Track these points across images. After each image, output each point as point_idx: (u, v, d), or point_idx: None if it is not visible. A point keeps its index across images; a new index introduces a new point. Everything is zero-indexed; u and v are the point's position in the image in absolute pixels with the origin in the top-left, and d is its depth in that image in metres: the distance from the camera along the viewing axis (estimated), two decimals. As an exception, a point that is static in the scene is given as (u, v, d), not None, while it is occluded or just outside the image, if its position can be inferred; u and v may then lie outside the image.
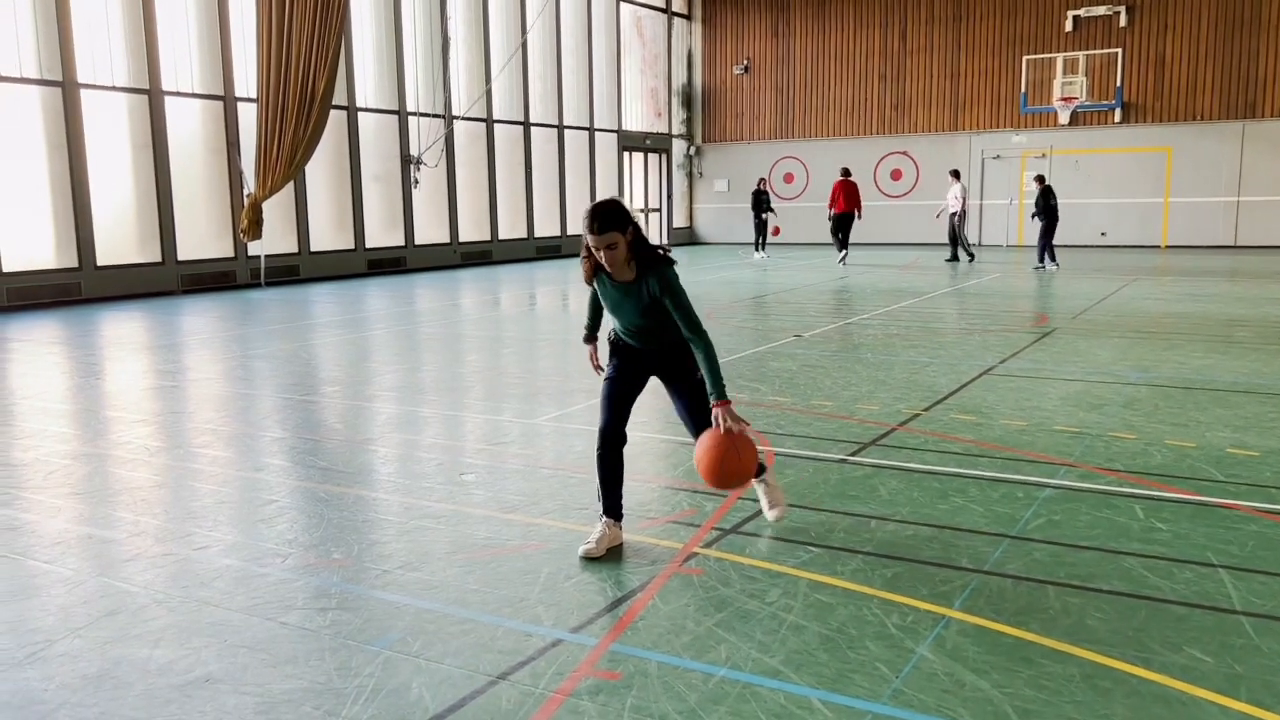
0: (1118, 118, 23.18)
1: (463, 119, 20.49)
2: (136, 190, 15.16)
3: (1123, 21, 22.79)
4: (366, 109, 18.61)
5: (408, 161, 19.37)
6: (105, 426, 6.69)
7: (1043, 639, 3.28)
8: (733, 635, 3.35)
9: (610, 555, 4.07)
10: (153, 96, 15.11)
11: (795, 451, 5.68)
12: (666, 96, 27.61)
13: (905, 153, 25.54)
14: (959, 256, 19.92)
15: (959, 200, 19.71)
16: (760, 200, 21.65)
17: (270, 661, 3.21)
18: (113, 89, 14.69)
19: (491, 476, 5.32)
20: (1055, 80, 23.28)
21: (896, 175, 25.76)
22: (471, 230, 21.25)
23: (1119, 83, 22.91)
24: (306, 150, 16.18)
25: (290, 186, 16.71)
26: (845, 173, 20.21)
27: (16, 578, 3.97)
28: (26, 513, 4.79)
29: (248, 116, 16.22)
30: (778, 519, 4.38)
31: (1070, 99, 23.04)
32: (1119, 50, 22.86)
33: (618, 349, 4.26)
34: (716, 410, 3.93)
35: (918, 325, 10.97)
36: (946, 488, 4.96)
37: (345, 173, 18.30)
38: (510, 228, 22.25)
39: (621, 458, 4.21)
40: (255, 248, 16.45)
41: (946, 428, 6.20)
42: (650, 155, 27.14)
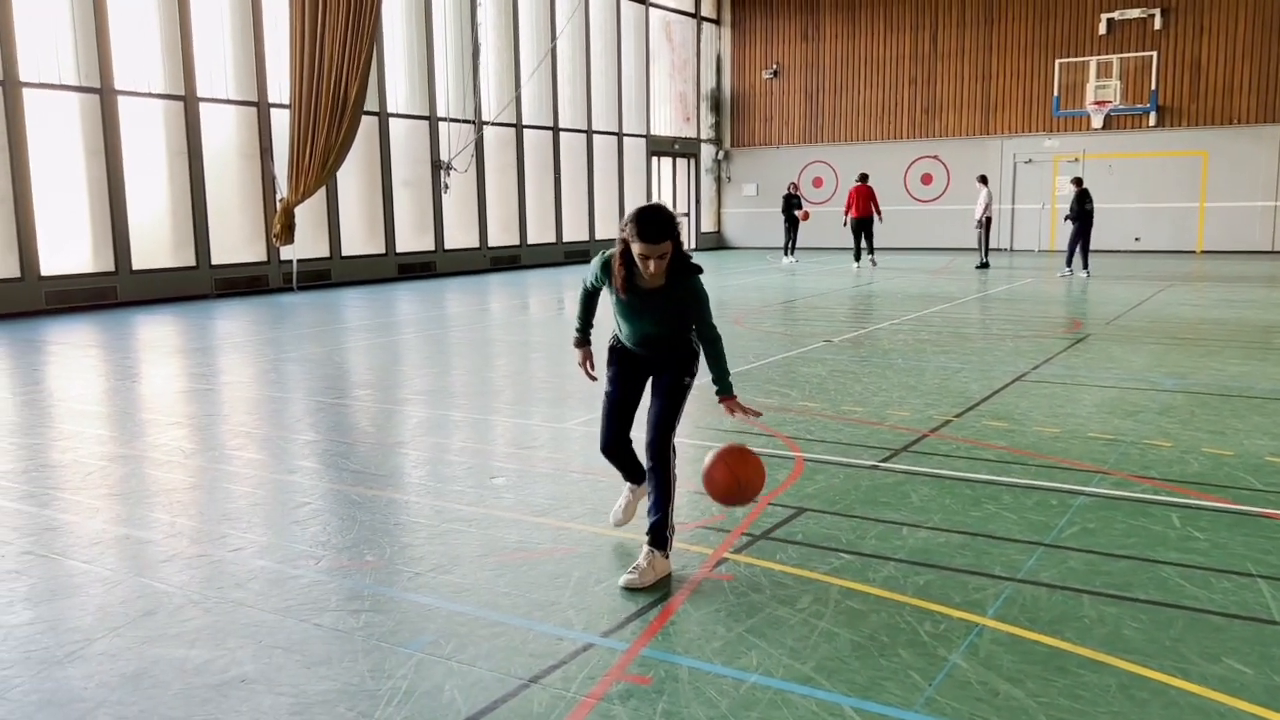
0: (1152, 121, 22.93)
1: (492, 124, 20.59)
2: (171, 195, 15.36)
3: (1157, 24, 22.55)
4: (397, 115, 18.75)
5: (438, 166, 19.48)
6: (141, 429, 6.78)
7: (1078, 648, 3.25)
8: (764, 641, 3.34)
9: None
10: (188, 103, 15.31)
11: (825, 457, 5.66)
12: (695, 101, 27.61)
13: (936, 157, 25.39)
14: (989, 264, 19.78)
15: (985, 206, 19.58)
16: (791, 204, 21.64)
17: (304, 662, 3.24)
18: (149, 95, 14.89)
19: (521, 480, 5.34)
20: (1088, 83, 23.05)
21: (927, 180, 25.61)
22: (500, 235, 21.35)
23: (1153, 86, 22.66)
24: (338, 156, 16.33)
25: (322, 191, 16.86)
26: (862, 178, 20.19)
27: (56, 577, 4.03)
28: (65, 513, 4.86)
29: (281, 122, 16.39)
30: (627, 585, 3.78)
31: (1104, 102, 22.82)
32: (1153, 53, 22.62)
33: (617, 356, 4.18)
34: (726, 404, 4.00)
35: (949, 330, 10.90)
36: (979, 495, 4.92)
37: (376, 178, 18.44)
38: (539, 232, 22.32)
39: (628, 451, 4.27)
40: (287, 252, 16.61)
41: (978, 434, 6.16)
42: (678, 160, 27.15)
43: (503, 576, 3.95)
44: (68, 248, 14.08)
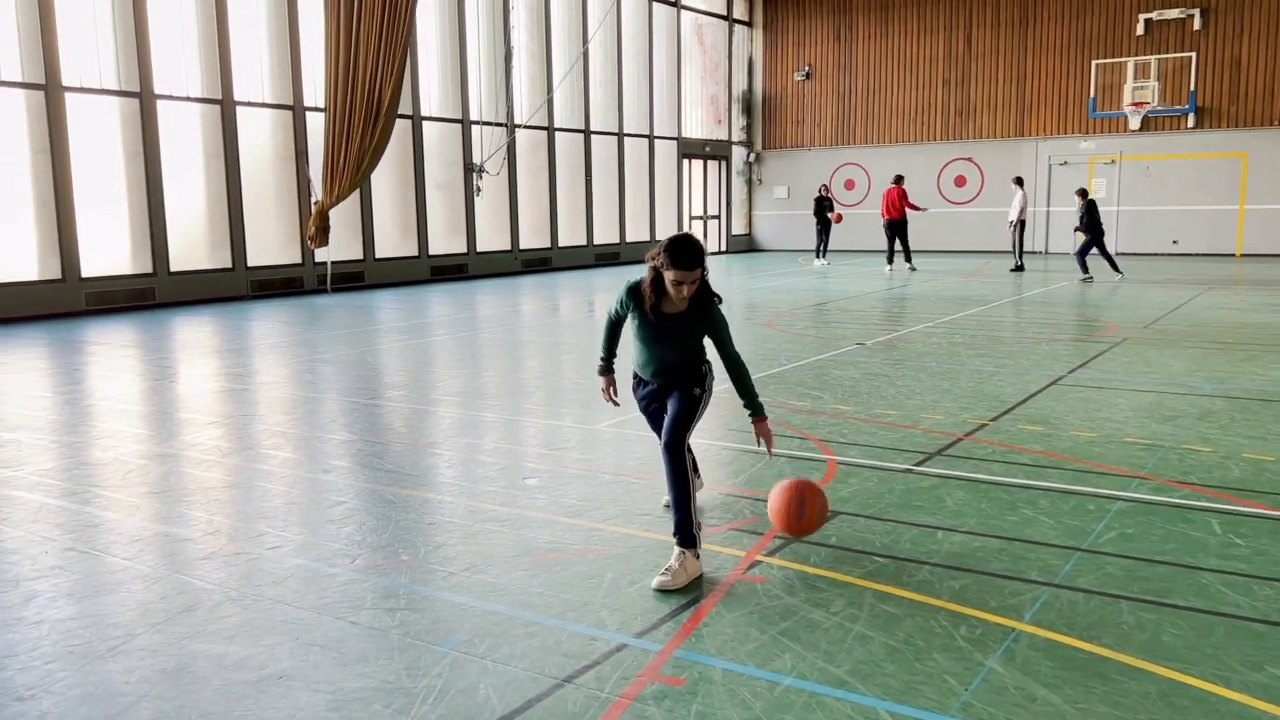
0: (1191, 123, 22.61)
1: (524, 127, 20.68)
2: (208, 198, 15.55)
3: (1197, 24, 22.25)
4: (431, 118, 18.88)
5: (470, 169, 19.59)
6: (179, 428, 6.87)
7: (1117, 654, 3.21)
8: (797, 644, 3.33)
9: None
10: (225, 107, 15.50)
11: (859, 461, 5.63)
12: (727, 103, 27.57)
13: (969, 159, 25.19)
14: (1024, 267, 19.59)
15: (1020, 208, 19.39)
16: (822, 206, 21.56)
17: (341, 660, 3.27)
18: (187, 99, 15.09)
19: (553, 481, 5.36)
20: (1125, 84, 22.77)
21: (960, 182, 25.41)
22: (532, 237, 21.43)
23: (1192, 87, 22.35)
24: (373, 159, 16.46)
25: (356, 194, 17.01)
26: (897, 180, 20.02)
27: (98, 573, 4.09)
28: (106, 510, 4.94)
29: (316, 126, 16.55)
30: (660, 586, 3.81)
31: (1141, 104, 22.53)
32: (1193, 53, 22.31)
33: (641, 381, 4.41)
34: (758, 426, 4.20)
35: (983, 334, 10.81)
36: (1015, 499, 4.88)
37: (410, 181, 18.57)
38: (570, 235, 22.39)
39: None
40: (322, 254, 16.77)
41: (1014, 438, 6.10)
42: (710, 162, 27.12)
43: (536, 576, 3.97)
44: (107, 250, 14.30)
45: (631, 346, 4.32)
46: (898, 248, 19.80)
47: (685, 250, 3.96)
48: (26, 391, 8.23)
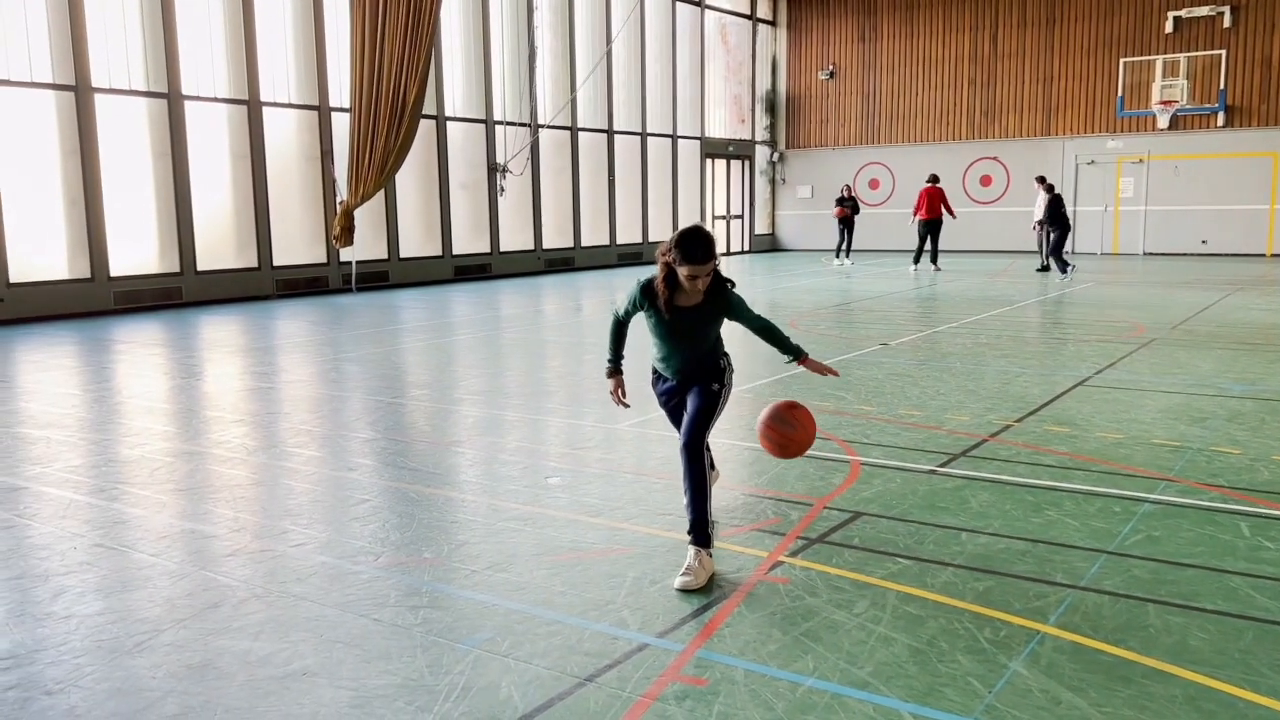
0: (1220, 121, 22.35)
1: (548, 127, 20.72)
2: (235, 198, 15.68)
3: (1226, 22, 21.99)
4: (455, 118, 18.95)
5: (494, 169, 19.65)
6: (205, 426, 6.93)
7: (1143, 658, 3.18)
8: (820, 645, 3.32)
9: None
10: (251, 107, 15.62)
11: (882, 462, 5.61)
12: (750, 103, 27.51)
13: (995, 158, 25.02)
14: (1049, 266, 19.43)
15: (1044, 209, 19.22)
16: (845, 205, 21.48)
17: (364, 657, 3.29)
18: (214, 100, 15.22)
19: (575, 481, 5.37)
20: (1154, 83, 22.53)
21: (986, 181, 25.24)
22: (555, 237, 21.47)
23: (1222, 85, 22.10)
24: (397, 159, 16.55)
25: (381, 194, 17.10)
26: (933, 179, 19.86)
27: (125, 569, 4.14)
28: (134, 507, 4.99)
29: (341, 126, 16.65)
30: (682, 586, 3.81)
31: (1170, 102, 22.29)
32: (1222, 51, 22.05)
33: (660, 377, 4.40)
34: (807, 365, 4.36)
35: (1008, 334, 10.73)
36: (1040, 501, 4.84)
37: (434, 181, 18.65)
38: (593, 235, 22.41)
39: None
40: (347, 254, 16.87)
41: (1040, 440, 6.05)
42: (733, 162, 27.07)
43: (558, 575, 3.98)
44: (135, 249, 14.45)
45: (650, 344, 4.31)
46: (926, 247, 19.65)
47: (697, 243, 3.96)
48: (56, 389, 8.33)
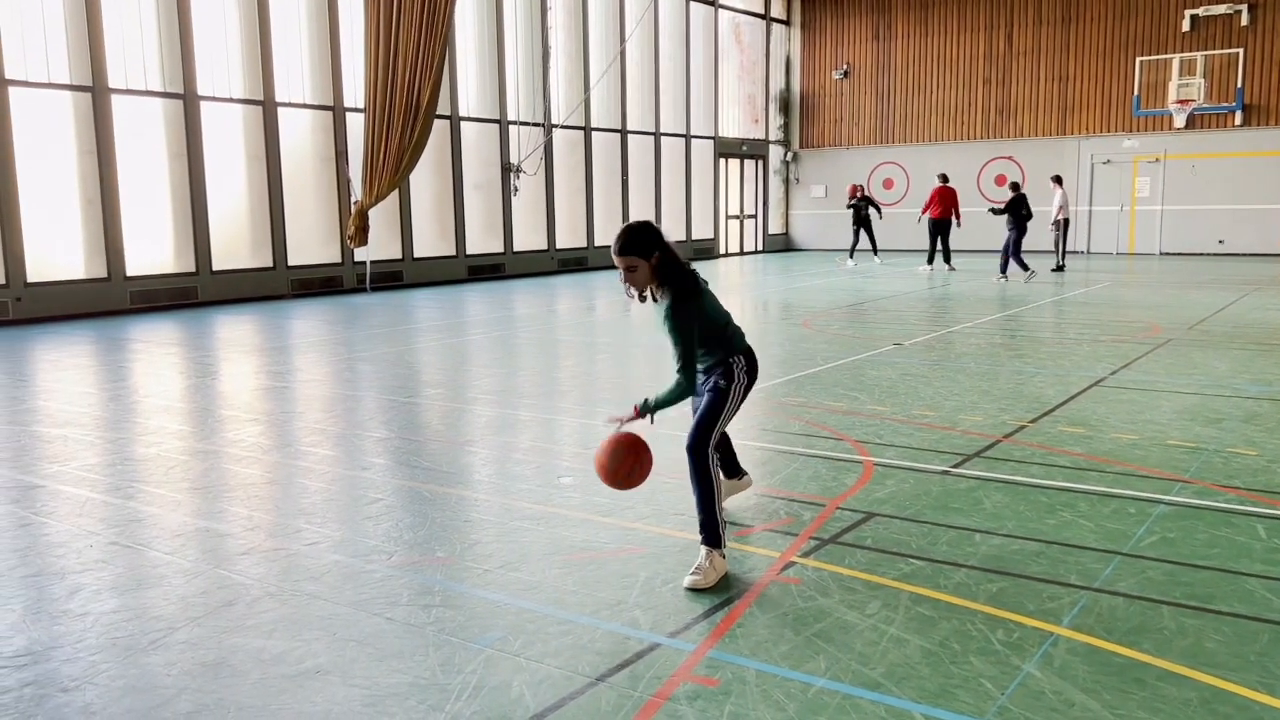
0: (1238, 120, 22.20)
1: (561, 127, 20.74)
2: (250, 198, 15.76)
3: (1244, 20, 21.83)
4: (468, 118, 18.99)
5: (508, 170, 19.68)
6: (220, 425, 6.97)
7: (1157, 660, 3.17)
8: (832, 646, 3.31)
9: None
10: (266, 108, 15.69)
11: (896, 462, 5.59)
12: (764, 102, 27.48)
13: (1010, 158, 24.91)
14: (1065, 265, 19.34)
15: (1060, 207, 19.13)
16: (864, 205, 21.40)
17: (377, 656, 3.30)
18: (230, 101, 15.30)
19: (587, 480, 5.36)
20: (1171, 82, 22.39)
21: (1001, 180, 25.09)
22: (568, 237, 21.49)
23: (1239, 84, 21.94)
24: (411, 159, 16.59)
25: (395, 194, 17.16)
26: (943, 179, 19.78)
27: (141, 567, 4.16)
28: (149, 506, 5.02)
29: (356, 126, 16.71)
30: (692, 586, 3.80)
31: (1187, 101, 22.15)
32: (1240, 50, 21.89)
33: None
34: (632, 410, 3.97)
35: (1023, 334, 10.69)
36: (1054, 502, 4.82)
37: (447, 181, 18.69)
38: (606, 234, 22.34)
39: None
40: (361, 254, 16.93)
41: (1054, 440, 6.03)
42: (746, 161, 27.04)
43: (570, 575, 3.98)
44: (151, 249, 14.53)
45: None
46: (938, 246, 19.58)
47: (620, 234, 3.94)
48: (73, 388, 8.39)
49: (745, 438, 6.10)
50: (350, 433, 6.66)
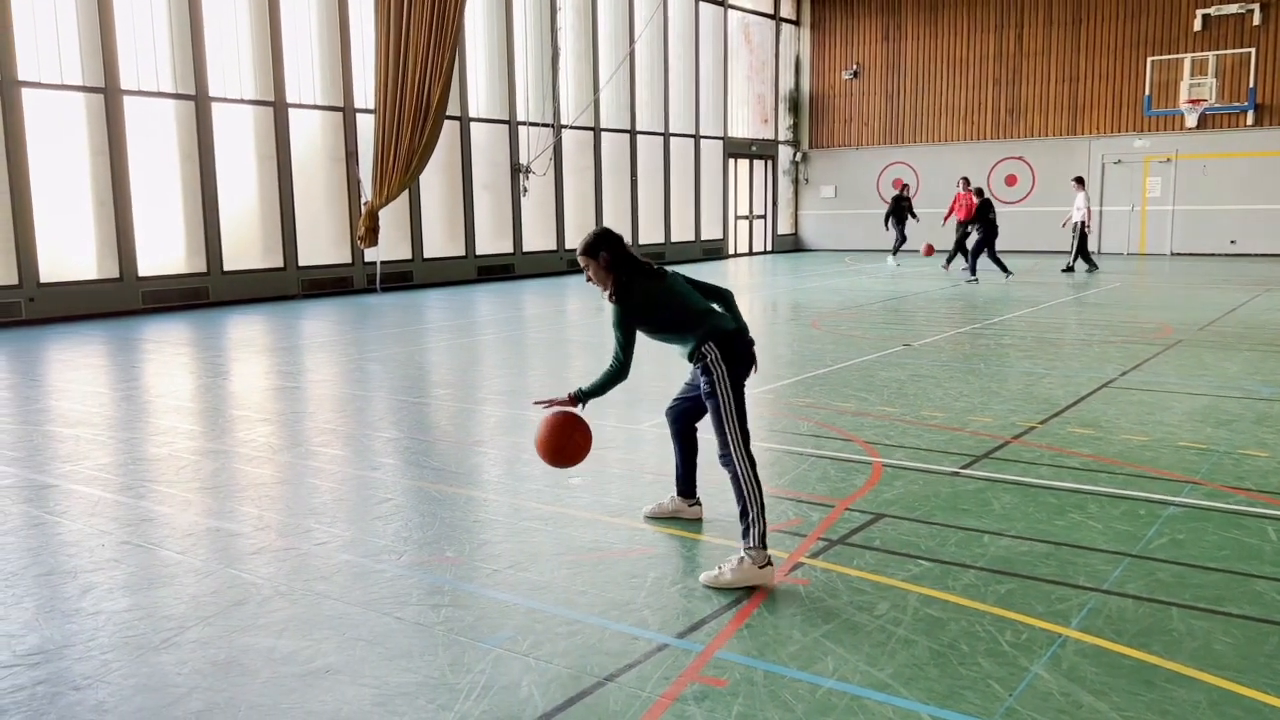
0: (1250, 120, 22.09)
1: (570, 128, 20.76)
2: (261, 199, 15.81)
3: (1256, 19, 21.73)
4: (478, 119, 19.03)
5: (517, 170, 19.71)
6: (231, 424, 7.00)
7: (1166, 662, 3.16)
8: (840, 647, 3.32)
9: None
10: (277, 108, 15.75)
11: (905, 463, 5.59)
12: (773, 103, 27.45)
13: (1021, 158, 24.84)
14: (1074, 267, 19.27)
15: (1082, 210, 19.04)
16: (900, 204, 21.34)
17: (386, 655, 3.32)
18: (240, 102, 15.36)
19: (596, 481, 5.38)
20: (1182, 82, 22.30)
21: (1011, 181, 25.07)
22: (578, 237, 21.32)
23: (1251, 84, 21.84)
24: (421, 159, 16.63)
25: (405, 195, 17.20)
26: (965, 183, 19.68)
27: (152, 567, 4.19)
28: (160, 505, 5.05)
29: (366, 127, 16.76)
30: (710, 581, 3.84)
31: (1198, 101, 22.06)
32: (1252, 49, 21.79)
33: None
34: (566, 397, 4.31)
35: (1033, 335, 10.66)
36: (1063, 503, 4.81)
37: (457, 181, 18.73)
38: (616, 235, 22.40)
39: (680, 434, 4.60)
40: (371, 254, 16.98)
41: (1064, 442, 6.02)
42: (756, 162, 27.02)
43: (579, 575, 3.99)
44: (163, 250, 14.60)
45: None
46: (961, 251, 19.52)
47: (584, 239, 4.21)
48: (85, 388, 8.43)
49: (754, 438, 6.09)
50: (360, 433, 6.68)
